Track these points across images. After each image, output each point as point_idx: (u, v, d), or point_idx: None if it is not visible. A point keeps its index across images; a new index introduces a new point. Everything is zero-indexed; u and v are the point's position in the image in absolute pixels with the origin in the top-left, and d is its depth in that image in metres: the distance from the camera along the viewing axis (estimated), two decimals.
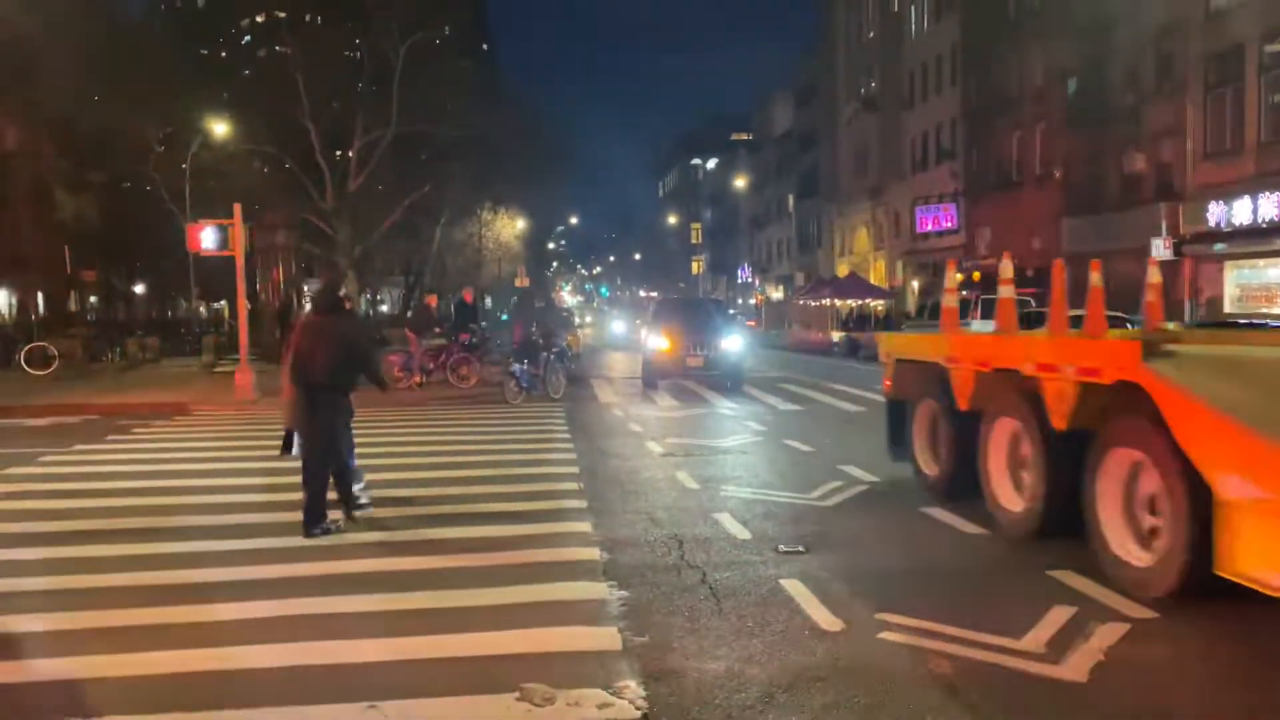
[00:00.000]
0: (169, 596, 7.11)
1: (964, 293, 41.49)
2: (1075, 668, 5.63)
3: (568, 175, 58.38)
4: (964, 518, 9.08)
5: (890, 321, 44.12)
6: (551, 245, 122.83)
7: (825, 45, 68.14)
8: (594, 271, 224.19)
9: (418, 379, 22.95)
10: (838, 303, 48.69)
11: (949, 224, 48.68)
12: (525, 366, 20.73)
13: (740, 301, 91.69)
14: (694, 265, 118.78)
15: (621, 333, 50.49)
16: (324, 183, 40.17)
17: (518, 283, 61.17)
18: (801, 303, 52.56)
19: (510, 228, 60.63)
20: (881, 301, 48.41)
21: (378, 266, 49.91)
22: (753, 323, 52.32)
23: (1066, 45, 36.27)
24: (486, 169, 44.83)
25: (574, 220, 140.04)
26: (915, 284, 51.35)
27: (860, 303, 48.48)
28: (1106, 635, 6.08)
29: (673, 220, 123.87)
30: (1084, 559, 7.57)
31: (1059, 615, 6.42)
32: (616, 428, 16.15)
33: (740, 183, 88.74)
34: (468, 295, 27.02)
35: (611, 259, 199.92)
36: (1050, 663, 5.67)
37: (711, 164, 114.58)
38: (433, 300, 27.33)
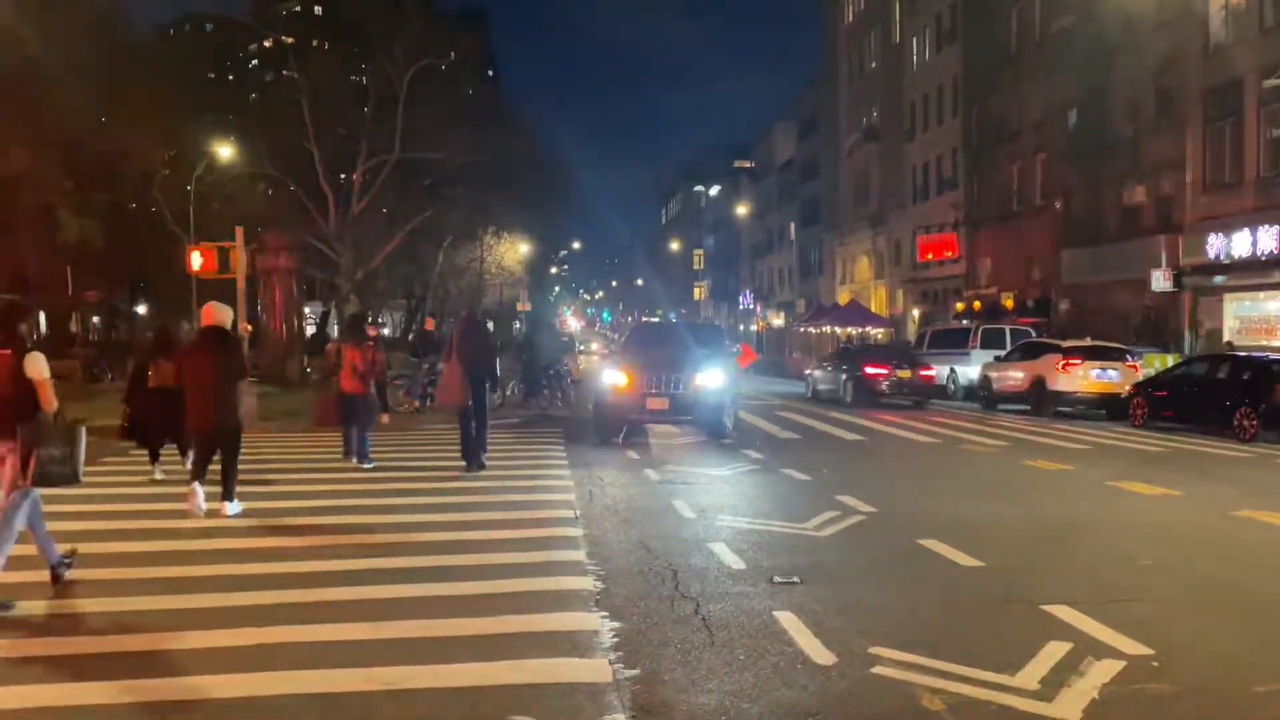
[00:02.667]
0: (135, 624, 7.14)
1: (964, 321, 40.22)
2: (1068, 706, 5.59)
3: (570, 201, 58.87)
4: (962, 550, 9.08)
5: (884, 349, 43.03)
6: (554, 270, 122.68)
7: (827, 76, 68.49)
8: (596, 296, 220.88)
9: (416, 404, 23.06)
10: (838, 330, 48.41)
11: (950, 253, 48.27)
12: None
13: (742, 328, 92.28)
14: (696, 291, 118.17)
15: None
16: (328, 206, 40.29)
17: (519, 307, 60.51)
18: (802, 330, 51.96)
19: (513, 252, 60.42)
20: (881, 329, 47.94)
21: (380, 289, 49.90)
22: (745, 354, 48.50)
23: (1066, 78, 36.30)
24: (489, 194, 45.09)
25: (576, 245, 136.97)
26: (916, 312, 51.82)
27: (861, 330, 48.20)
28: (1101, 673, 6.02)
29: (675, 246, 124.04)
30: (1079, 593, 7.63)
31: (1053, 651, 6.35)
32: (614, 455, 16.14)
33: (742, 210, 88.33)
34: (429, 323, 27.56)
35: (614, 284, 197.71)
36: (1044, 700, 5.63)
37: (714, 191, 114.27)
38: (429, 324, 26.83)
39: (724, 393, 18.24)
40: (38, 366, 8.14)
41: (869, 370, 29.25)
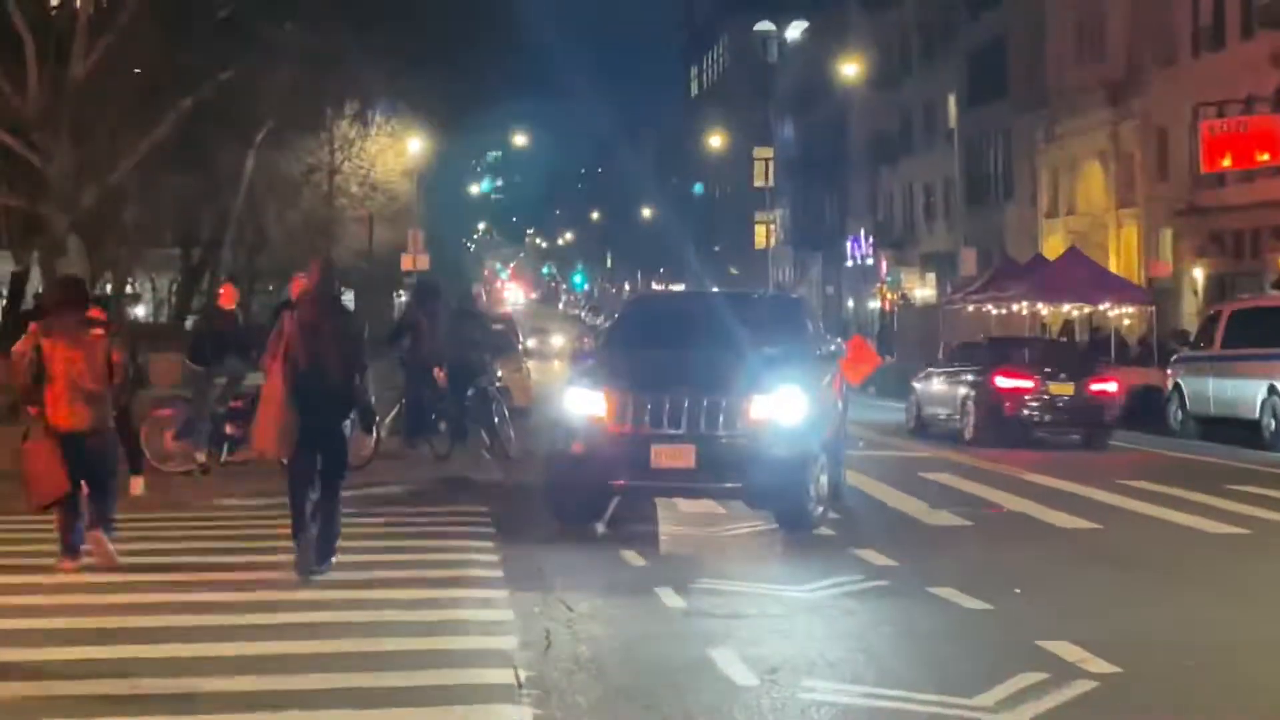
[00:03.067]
0: None
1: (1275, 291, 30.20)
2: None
3: (511, 44, 40.06)
4: None
5: (1145, 348, 33.34)
6: (476, 189, 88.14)
7: None
8: (560, 241, 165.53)
9: (201, 457, 16.12)
10: (1044, 310, 36.00)
11: (1267, 155, 34.48)
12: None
13: (851, 305, 70.97)
14: (760, 232, 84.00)
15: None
16: (22, 61, 28.37)
17: (406, 263, 44.30)
18: (970, 309, 38.03)
19: (392, 154, 44.51)
20: (1133, 308, 35.49)
21: (128, 227, 36.11)
22: (858, 356, 21.31)
23: None
24: (347, 33, 31.10)
25: (520, 140, 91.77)
26: (1198, 273, 38.97)
27: (1089, 310, 35.70)
28: (1065, 692, 7.02)
29: (717, 143, 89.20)
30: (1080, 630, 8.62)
31: (1026, 680, 7.35)
32: (594, 555, 11.90)
33: (850, 68, 63.36)
34: (298, 286, 17.21)
35: (595, 216, 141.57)
36: (991, 712, 6.67)
37: (794, 31, 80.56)
38: (228, 296, 17.73)
39: (810, 435, 12.80)
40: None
41: (1001, 383, 21.99)
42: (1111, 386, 23.02)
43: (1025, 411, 22.07)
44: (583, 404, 12.96)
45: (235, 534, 13.10)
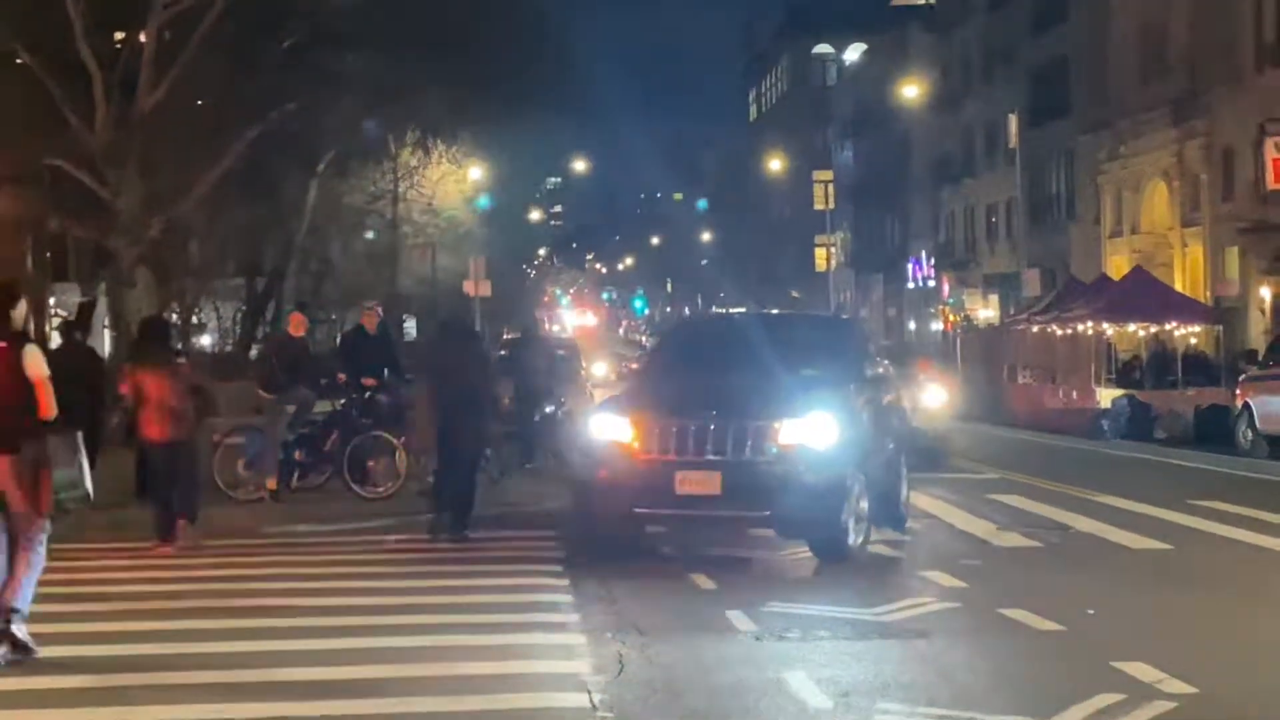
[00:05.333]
0: None
1: None
2: None
3: (571, 79, 39.12)
4: None
5: (1208, 365, 32.98)
6: (536, 215, 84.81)
7: None
8: (620, 266, 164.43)
9: (272, 484, 16.00)
10: (1109, 330, 34.37)
11: None
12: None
13: (912, 327, 69.74)
14: (820, 255, 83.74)
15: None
16: (90, 96, 28.00)
17: (469, 289, 42.13)
18: (1035, 329, 37.05)
19: (454, 181, 43.97)
20: (1199, 327, 35.01)
21: (196, 259, 36.56)
22: (922, 370, 28.03)
23: None
24: (412, 68, 30.89)
25: (580, 166, 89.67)
26: (1265, 291, 38.23)
27: (1156, 329, 34.61)
28: (1143, 713, 6.90)
29: (777, 165, 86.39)
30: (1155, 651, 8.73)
31: (1103, 700, 7.40)
32: (664, 579, 11.84)
33: (910, 90, 62.81)
34: (369, 319, 18.14)
35: (655, 242, 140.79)
36: None
37: (853, 53, 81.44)
38: (298, 324, 17.94)
39: (843, 460, 12.29)
40: (37, 362, 8.47)
41: None
42: None
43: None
44: (607, 430, 12.68)
45: (309, 560, 13.04)
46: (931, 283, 67.02)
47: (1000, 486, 19.76)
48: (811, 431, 12.35)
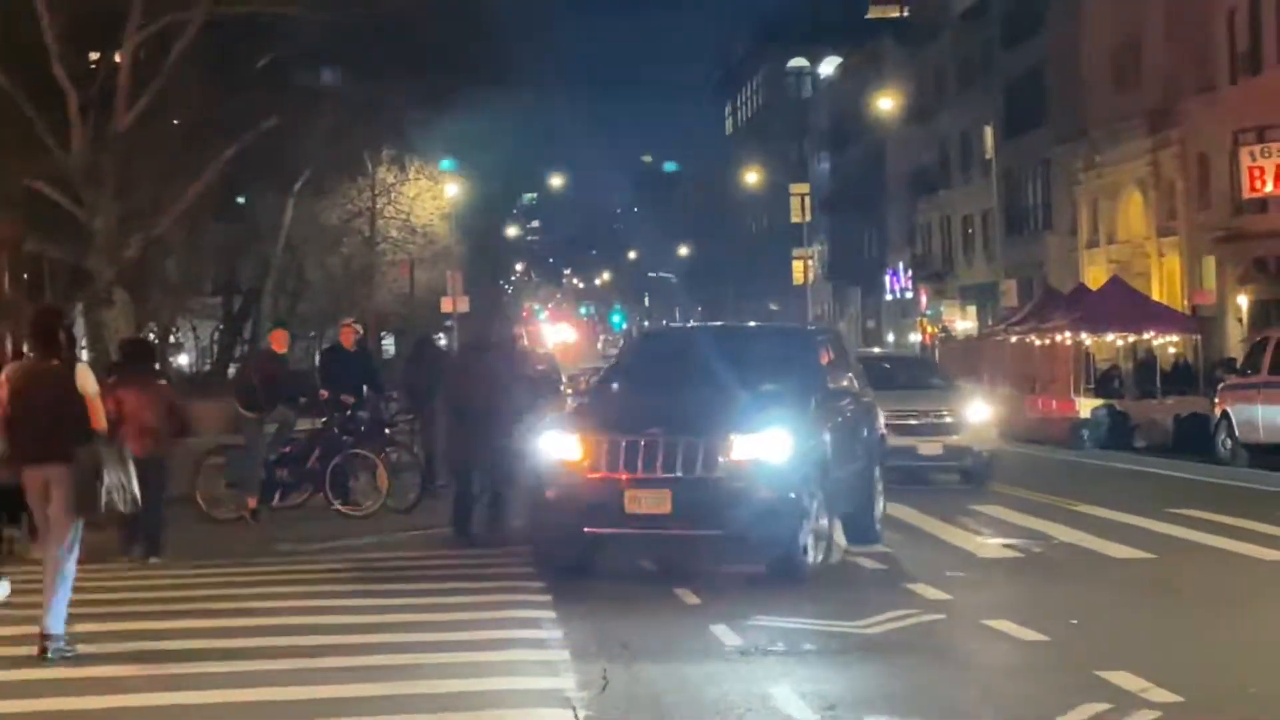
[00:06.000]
0: None
1: None
2: None
3: (546, 94, 44.15)
4: None
5: (1189, 371, 33.50)
6: (512, 231, 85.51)
7: None
8: (599, 280, 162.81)
9: (252, 503, 15.96)
10: (1087, 339, 34.35)
11: None
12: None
13: (891, 338, 68.96)
14: (797, 268, 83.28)
15: None
16: (66, 118, 27.70)
17: (446, 305, 42.87)
18: (1014, 339, 37.12)
19: (431, 198, 44.17)
20: (1177, 336, 35.14)
21: (173, 278, 35.80)
22: None
23: None
24: (388, 85, 31.04)
25: (556, 181, 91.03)
26: (1242, 300, 38.42)
27: (1134, 338, 35.13)
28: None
29: (753, 179, 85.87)
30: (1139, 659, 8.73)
31: (1089, 710, 7.42)
32: (647, 594, 11.82)
33: (886, 102, 63.02)
34: (347, 335, 18.49)
35: (632, 256, 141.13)
36: None
37: (829, 66, 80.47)
38: (280, 340, 17.95)
39: (798, 477, 11.94)
40: (87, 379, 9.45)
41: None
42: None
43: None
44: (556, 448, 12.42)
45: (290, 578, 12.91)
46: (909, 294, 66.98)
47: (981, 497, 19.64)
48: (765, 447, 12.02)
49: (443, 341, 46.95)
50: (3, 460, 9.66)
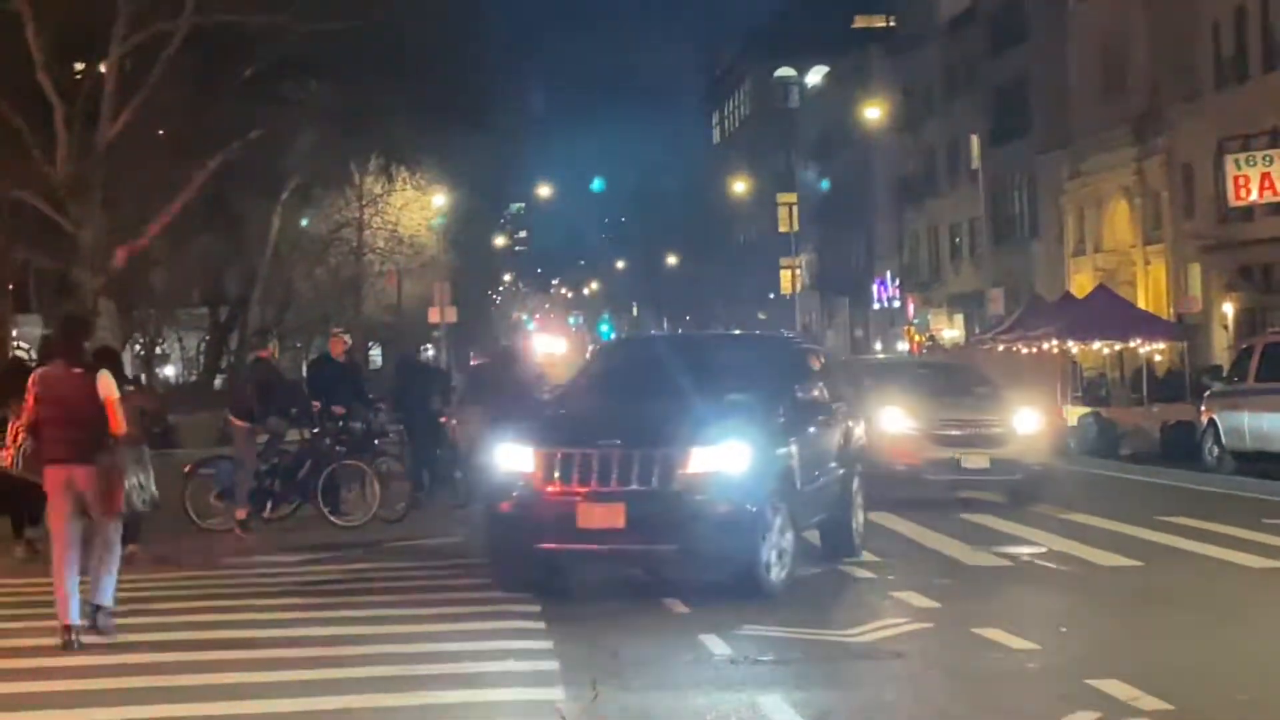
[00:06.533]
0: None
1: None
2: None
3: (532, 103, 45.68)
4: None
5: (1176, 382, 32.96)
6: (501, 241, 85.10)
7: None
8: (587, 290, 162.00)
9: (241, 514, 15.70)
10: (1074, 348, 34.54)
11: None
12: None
13: (879, 346, 67.83)
14: (785, 277, 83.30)
15: None
16: (53, 129, 28.00)
17: (433, 316, 41.91)
18: (1001, 349, 36.89)
19: (419, 208, 43.97)
20: (1163, 344, 35.12)
21: (159, 290, 36.77)
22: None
23: None
24: (374, 95, 30.67)
25: (544, 191, 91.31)
26: (1228, 307, 38.59)
27: (1120, 346, 34.96)
28: None
29: (741, 188, 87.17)
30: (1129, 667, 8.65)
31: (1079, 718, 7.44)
32: (636, 604, 11.78)
33: (874, 112, 62.57)
34: (336, 346, 18.26)
35: (620, 265, 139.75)
36: None
37: (815, 76, 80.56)
38: (271, 350, 18.26)
39: (760, 489, 11.47)
40: (109, 384, 10.04)
41: None
42: None
43: None
44: (510, 461, 12.03)
45: (279, 589, 12.75)
46: (897, 303, 66.47)
47: (970, 505, 19.40)
48: (723, 459, 11.57)
49: (430, 353, 47.07)
50: (27, 461, 10.31)
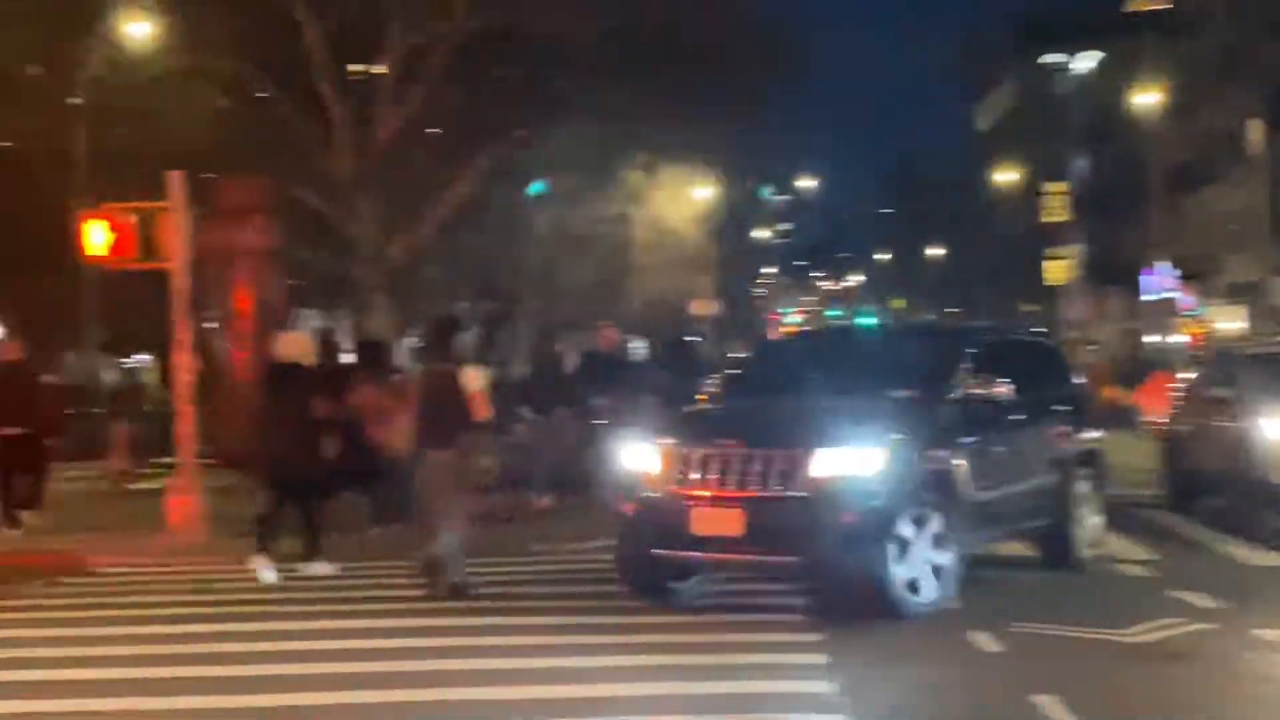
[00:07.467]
0: None
1: None
2: None
3: (798, 97, 44.58)
4: None
5: None
6: (759, 233, 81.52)
7: None
8: (846, 283, 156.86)
9: (545, 502, 16.62)
10: None
11: None
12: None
13: (1158, 339, 63.70)
14: (1050, 268, 76.86)
15: None
16: (329, 130, 28.57)
17: (696, 307, 43.60)
18: None
19: (680, 203, 42.86)
20: None
21: (433, 284, 36.44)
22: (1158, 390, 24.38)
23: None
24: (639, 93, 30.15)
25: (806, 183, 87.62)
26: None
27: None
28: None
29: (1005, 177, 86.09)
30: None
31: None
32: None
33: (1144, 98, 60.63)
34: (605, 338, 18.48)
35: (881, 258, 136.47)
36: None
37: (1083, 62, 74.56)
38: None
39: (893, 496, 10.35)
40: (470, 379, 11.45)
41: None
42: None
43: None
44: (635, 460, 11.37)
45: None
46: (1174, 294, 61.98)
47: None
48: (852, 462, 10.46)
49: (695, 340, 48.00)
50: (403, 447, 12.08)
